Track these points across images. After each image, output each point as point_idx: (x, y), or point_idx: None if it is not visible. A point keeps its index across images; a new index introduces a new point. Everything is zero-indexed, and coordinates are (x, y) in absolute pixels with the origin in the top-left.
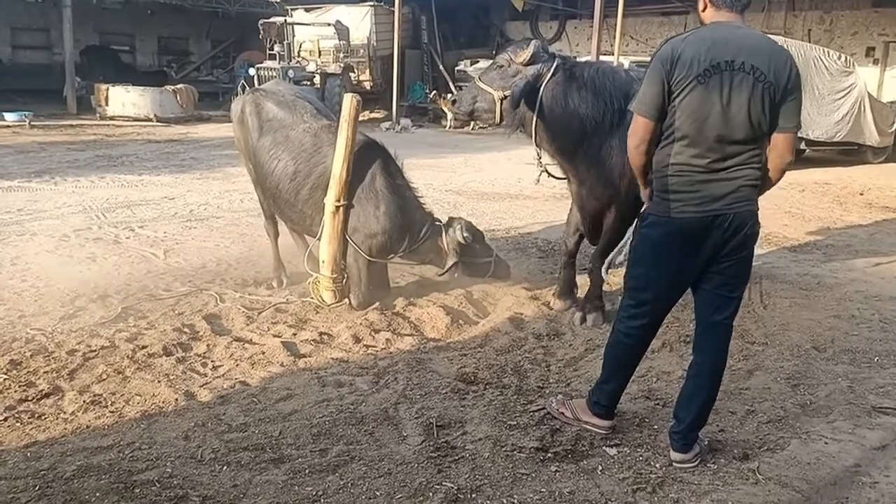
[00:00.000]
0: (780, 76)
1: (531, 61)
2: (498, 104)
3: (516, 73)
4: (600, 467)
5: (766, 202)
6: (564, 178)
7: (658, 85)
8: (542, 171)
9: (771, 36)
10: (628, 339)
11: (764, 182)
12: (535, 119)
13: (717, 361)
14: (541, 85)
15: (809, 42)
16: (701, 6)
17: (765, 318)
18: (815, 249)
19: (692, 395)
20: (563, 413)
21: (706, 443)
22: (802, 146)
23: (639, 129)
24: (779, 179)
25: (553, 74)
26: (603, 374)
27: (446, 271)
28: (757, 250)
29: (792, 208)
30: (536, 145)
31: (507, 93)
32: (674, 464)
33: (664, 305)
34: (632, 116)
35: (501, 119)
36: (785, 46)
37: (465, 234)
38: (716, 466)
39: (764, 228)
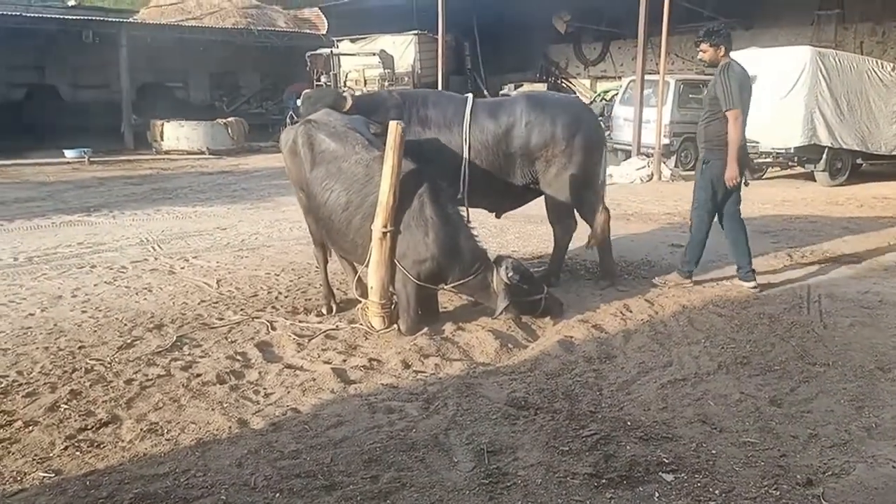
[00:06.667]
0: None
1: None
2: None
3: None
4: (657, 494)
5: (823, 217)
6: None
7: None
8: None
9: (821, 50)
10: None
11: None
12: None
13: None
14: None
15: (861, 54)
16: (723, 52)
17: (825, 338)
18: (877, 266)
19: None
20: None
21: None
22: (859, 160)
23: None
24: None
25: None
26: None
27: (499, 314)
28: (813, 268)
29: (850, 224)
30: None
31: None
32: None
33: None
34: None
35: None
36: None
37: (510, 274)
38: (778, 493)
39: (822, 245)
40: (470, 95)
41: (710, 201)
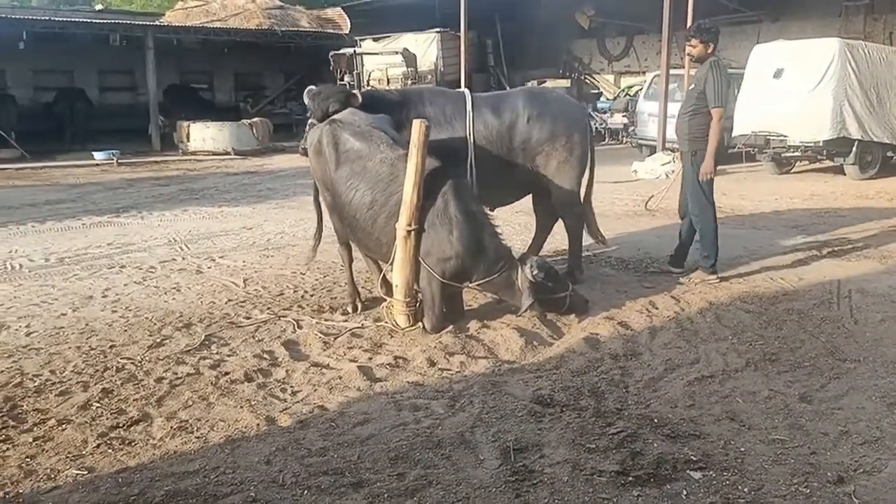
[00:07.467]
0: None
1: None
2: None
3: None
4: (685, 492)
5: (853, 211)
6: None
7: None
8: None
9: (850, 41)
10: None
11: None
12: None
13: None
14: None
15: (891, 45)
16: (711, 49)
17: (856, 333)
18: None
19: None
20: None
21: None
22: (890, 153)
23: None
24: None
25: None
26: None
27: (523, 311)
28: (843, 263)
29: (881, 218)
30: None
31: None
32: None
33: None
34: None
35: None
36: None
37: (535, 272)
38: (808, 491)
39: (851, 239)
40: (467, 90)
41: (708, 192)
